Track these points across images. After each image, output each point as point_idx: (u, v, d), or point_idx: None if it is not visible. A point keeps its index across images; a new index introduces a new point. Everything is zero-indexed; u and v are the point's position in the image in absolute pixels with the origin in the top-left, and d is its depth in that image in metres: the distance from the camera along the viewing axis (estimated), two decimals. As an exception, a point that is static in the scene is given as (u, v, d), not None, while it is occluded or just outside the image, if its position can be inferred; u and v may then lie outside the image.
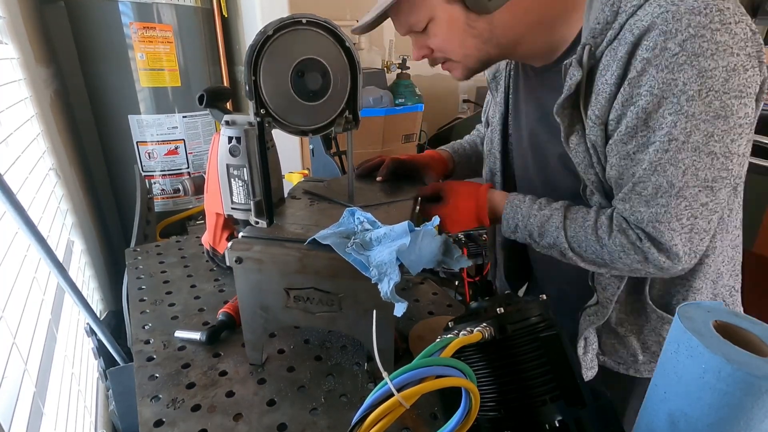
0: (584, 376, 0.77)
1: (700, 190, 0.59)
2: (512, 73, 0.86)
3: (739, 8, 0.55)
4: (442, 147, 1.08)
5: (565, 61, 0.64)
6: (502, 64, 0.88)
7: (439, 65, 0.78)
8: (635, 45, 0.57)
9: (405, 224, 0.61)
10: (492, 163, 0.88)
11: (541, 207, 0.73)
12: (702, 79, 0.54)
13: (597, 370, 0.84)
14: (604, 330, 0.81)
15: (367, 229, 0.65)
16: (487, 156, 0.90)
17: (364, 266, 0.58)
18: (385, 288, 0.55)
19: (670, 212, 0.60)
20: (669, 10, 0.55)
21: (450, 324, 0.57)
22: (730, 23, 0.54)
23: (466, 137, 1.12)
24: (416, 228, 0.60)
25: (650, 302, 0.75)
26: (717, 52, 0.54)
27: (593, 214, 0.68)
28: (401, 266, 0.57)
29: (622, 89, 0.59)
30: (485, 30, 0.69)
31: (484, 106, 1.00)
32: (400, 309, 0.54)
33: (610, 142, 0.63)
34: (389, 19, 0.74)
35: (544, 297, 0.58)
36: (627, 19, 0.58)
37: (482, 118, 1.01)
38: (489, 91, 0.94)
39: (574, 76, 0.62)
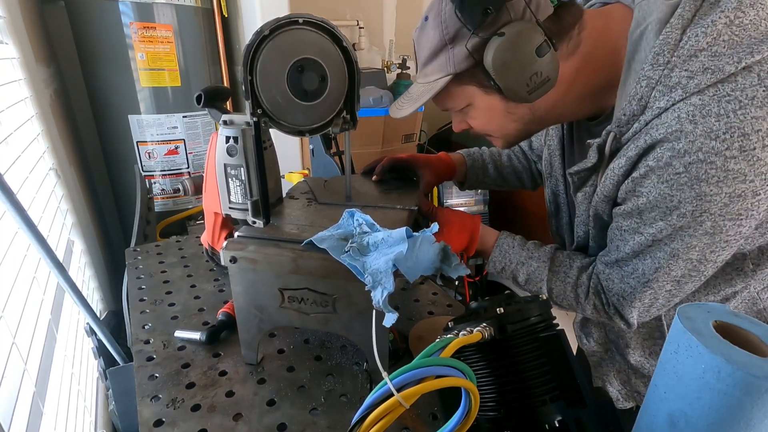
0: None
1: (668, 283, 0.63)
2: None
3: None
4: (461, 150, 1.06)
5: (588, 140, 0.65)
6: None
7: None
8: (646, 150, 0.57)
9: (403, 230, 0.59)
10: (554, 185, 0.85)
11: (530, 255, 0.77)
12: (699, 202, 0.54)
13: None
14: (630, 372, 0.83)
15: (366, 232, 0.64)
16: (548, 178, 0.87)
17: (359, 271, 0.57)
18: (378, 297, 0.54)
19: (634, 295, 0.66)
20: (684, 130, 0.52)
21: (450, 324, 0.57)
22: (755, 149, 0.50)
23: (494, 147, 1.07)
24: (414, 234, 0.59)
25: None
26: (724, 180, 0.52)
27: (575, 272, 0.74)
28: (396, 272, 0.56)
29: (626, 183, 0.61)
30: (526, 114, 0.68)
31: None
32: (389, 320, 0.53)
33: (614, 210, 0.66)
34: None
35: (544, 297, 0.58)
36: (652, 119, 0.56)
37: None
38: None
39: (590, 158, 0.64)
